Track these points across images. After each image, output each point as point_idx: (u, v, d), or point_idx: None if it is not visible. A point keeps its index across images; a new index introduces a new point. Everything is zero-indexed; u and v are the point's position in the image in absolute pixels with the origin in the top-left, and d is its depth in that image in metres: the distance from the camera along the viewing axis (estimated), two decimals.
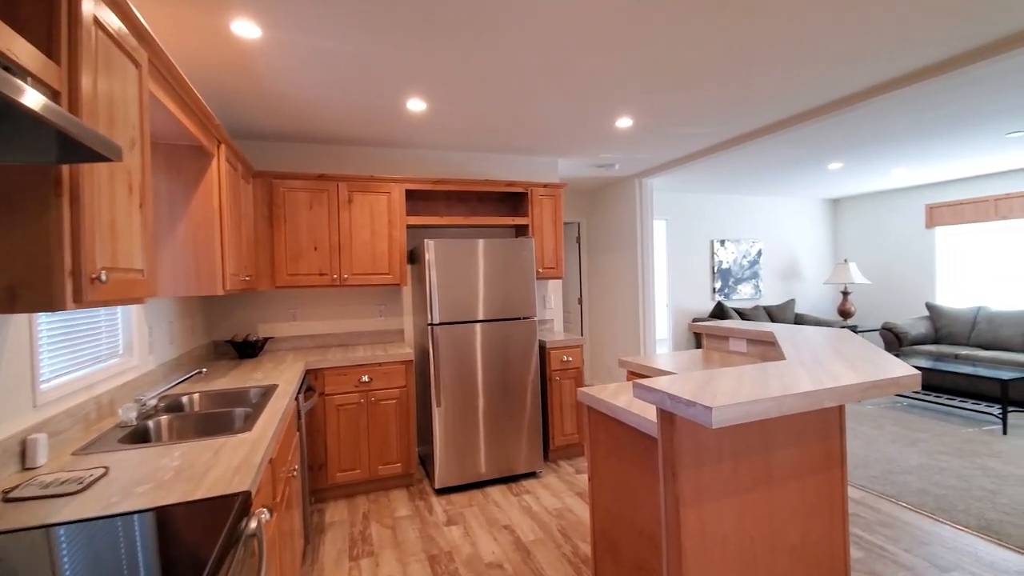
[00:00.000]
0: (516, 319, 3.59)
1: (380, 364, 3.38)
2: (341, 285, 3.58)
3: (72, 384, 1.77)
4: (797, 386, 1.37)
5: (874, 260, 7.34)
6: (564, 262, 4.23)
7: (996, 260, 6.11)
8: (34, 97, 0.80)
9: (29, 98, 0.79)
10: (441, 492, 3.43)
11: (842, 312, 6.98)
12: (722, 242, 7.04)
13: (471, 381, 3.46)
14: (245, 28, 2.10)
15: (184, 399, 2.25)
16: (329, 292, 3.93)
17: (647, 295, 5.53)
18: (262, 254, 3.40)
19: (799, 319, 6.96)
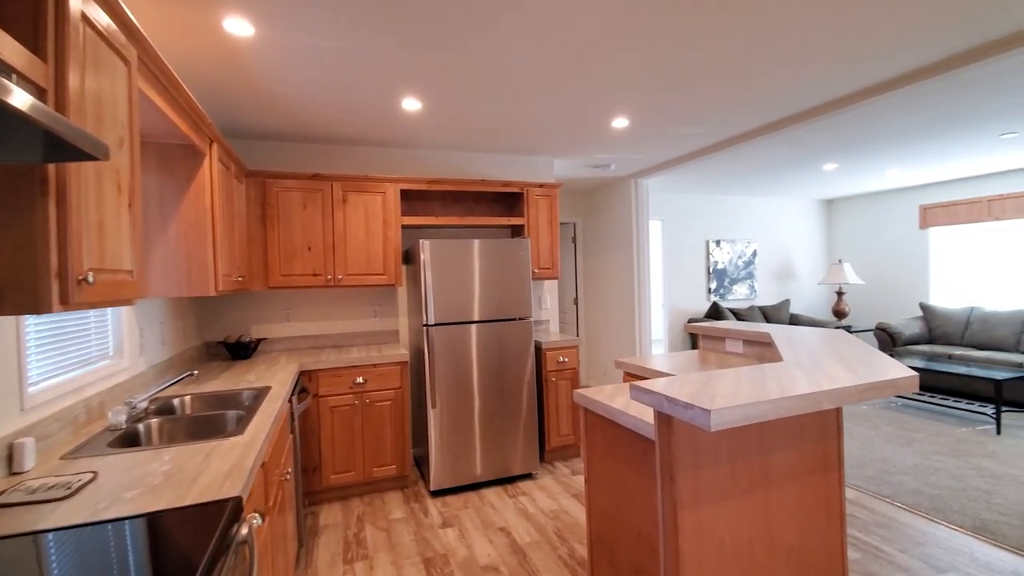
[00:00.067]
0: (512, 320, 3.57)
1: (375, 365, 3.35)
2: (335, 286, 3.55)
3: (61, 387, 1.74)
4: (795, 388, 1.36)
5: (868, 260, 7.37)
6: (560, 262, 4.22)
7: (989, 261, 6.14)
8: (20, 96, 0.78)
9: (15, 97, 0.77)
10: (436, 494, 3.41)
11: (837, 312, 7.00)
12: (717, 242, 7.04)
13: (467, 382, 3.44)
14: (237, 26, 2.07)
15: (175, 401, 2.22)
16: (323, 293, 3.90)
17: (643, 295, 5.53)
18: (255, 254, 3.37)
19: (794, 319, 6.98)
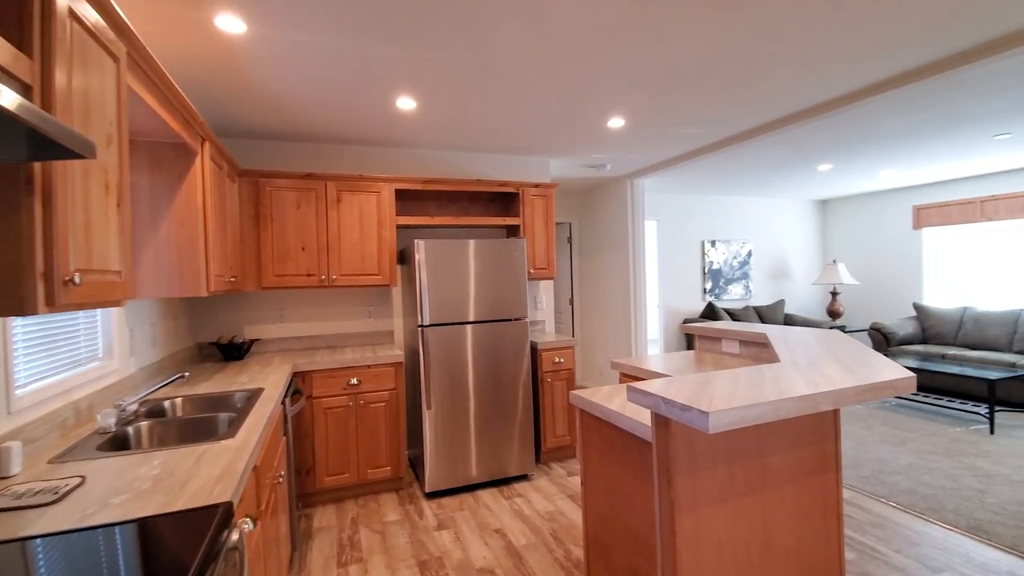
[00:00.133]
0: (507, 320, 3.55)
1: (369, 366, 3.33)
2: (329, 286, 3.52)
3: (49, 389, 1.71)
4: (793, 390, 1.35)
5: (862, 261, 7.40)
6: (556, 263, 4.20)
7: (982, 261, 6.18)
8: (5, 93, 0.76)
9: (2, 97, 0.74)
10: (431, 496, 3.39)
11: (831, 312, 7.02)
12: (713, 243, 7.05)
13: (462, 383, 3.42)
14: (229, 23, 2.05)
15: (166, 404, 2.19)
16: (317, 293, 3.87)
17: (638, 296, 5.53)
18: (248, 254, 3.34)
19: (789, 319, 7.00)
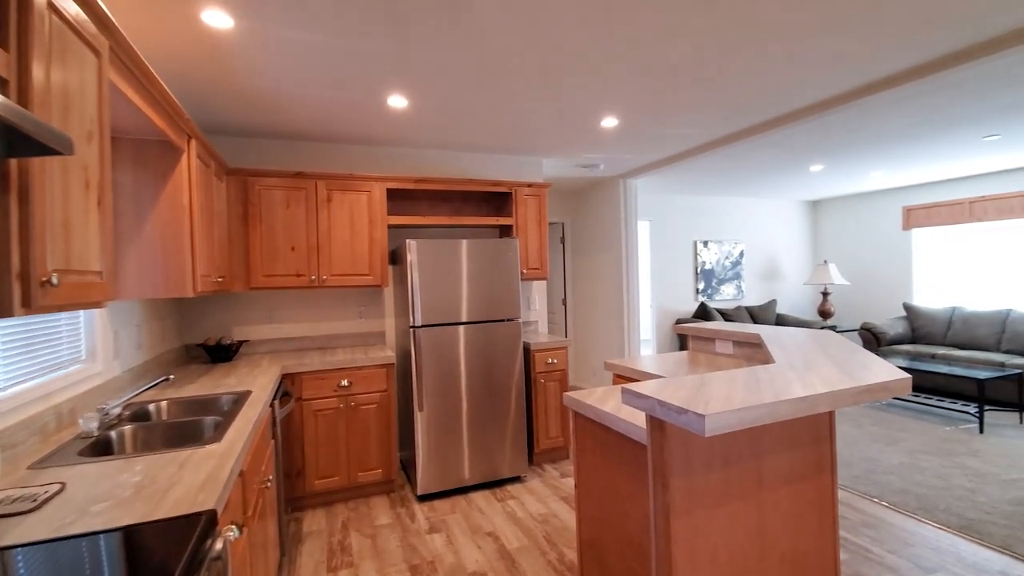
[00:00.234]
0: (500, 321, 3.52)
1: (360, 368, 3.29)
2: (320, 286, 3.48)
3: (29, 393, 1.66)
4: (790, 392, 1.33)
5: (853, 261, 7.44)
6: (548, 263, 4.18)
7: (971, 261, 6.23)
8: None
9: None
10: (423, 498, 3.35)
11: (822, 312, 7.06)
12: (705, 243, 7.06)
13: (454, 384, 3.39)
14: (216, 18, 2.00)
15: (151, 407, 2.14)
16: (307, 294, 3.82)
17: (631, 296, 5.52)
18: (236, 254, 3.29)
19: (780, 319, 7.03)
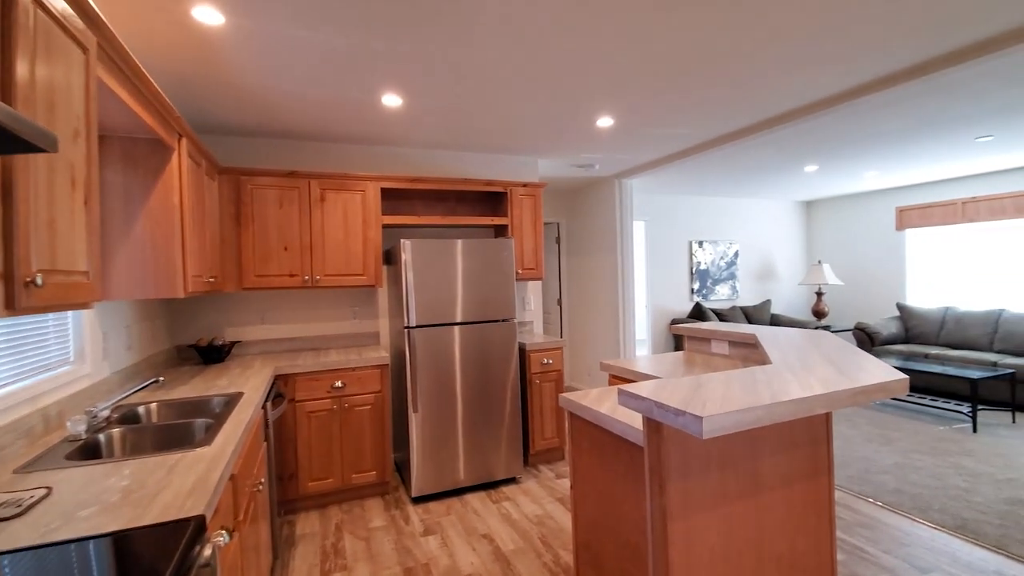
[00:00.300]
0: (495, 321, 3.51)
1: (354, 369, 3.26)
2: (313, 287, 3.45)
3: (16, 395, 1.63)
4: (787, 393, 1.32)
5: (847, 261, 7.47)
6: (544, 263, 4.17)
7: (963, 261, 6.27)
8: None
9: None
10: (418, 500, 3.33)
11: (816, 312, 7.08)
12: (700, 243, 7.07)
13: (449, 385, 3.37)
14: (207, 14, 1.98)
15: (140, 409, 2.11)
16: (300, 294, 3.79)
17: (627, 296, 5.51)
18: (228, 254, 3.25)
19: (775, 320, 7.04)
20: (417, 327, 3.28)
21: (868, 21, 2.21)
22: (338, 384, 3.21)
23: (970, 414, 4.40)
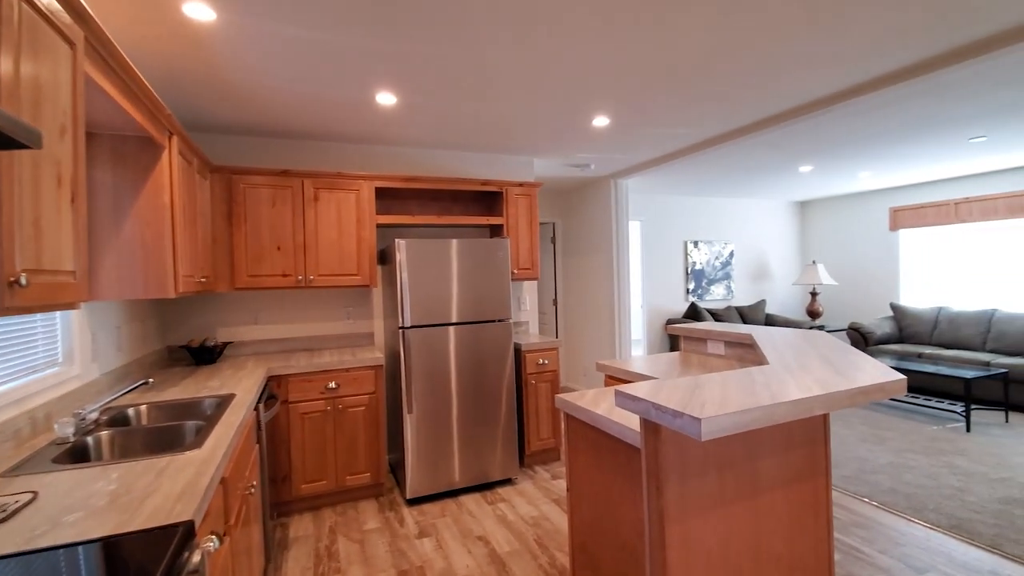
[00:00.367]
0: (491, 321, 3.49)
1: (348, 370, 3.23)
2: (306, 286, 3.42)
3: (3, 397, 1.61)
4: (786, 394, 1.31)
5: (841, 262, 7.50)
6: (539, 263, 4.15)
7: (956, 262, 6.30)
8: None
9: None
10: (412, 502, 3.30)
11: (810, 312, 7.10)
12: (695, 243, 7.08)
13: (444, 386, 3.35)
14: (198, 10, 1.95)
15: (130, 412, 2.07)
16: (294, 294, 3.76)
17: (622, 296, 5.51)
18: (220, 254, 3.22)
19: (770, 319, 7.06)
20: (412, 327, 3.25)
21: (863, 22, 2.21)
22: (332, 385, 3.18)
23: (963, 414, 4.41)
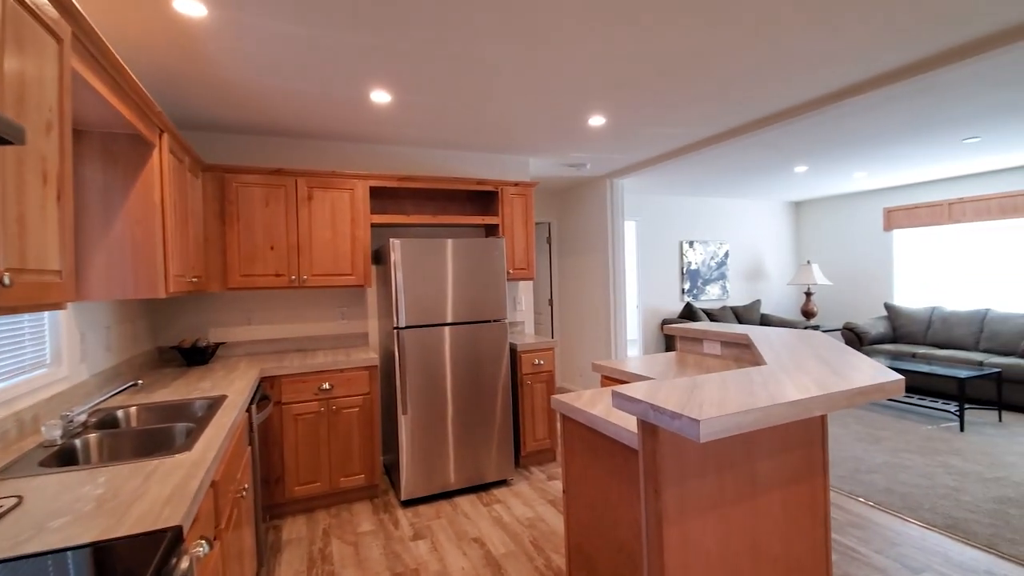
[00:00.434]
0: (486, 322, 3.46)
1: (342, 370, 3.20)
2: (300, 287, 3.38)
3: None
4: (784, 395, 1.30)
5: (835, 262, 7.52)
6: (535, 263, 4.14)
7: (949, 262, 6.33)
8: None
9: None
10: (407, 504, 3.28)
11: (805, 312, 7.12)
12: (691, 243, 7.08)
13: (439, 387, 3.32)
14: (189, 6, 1.92)
15: (119, 413, 2.04)
16: (287, 294, 3.72)
17: (618, 296, 5.50)
18: (213, 254, 3.18)
19: (765, 319, 7.07)
20: (407, 328, 3.23)
21: (858, 22, 2.21)
22: (326, 386, 3.15)
23: (957, 413, 4.43)
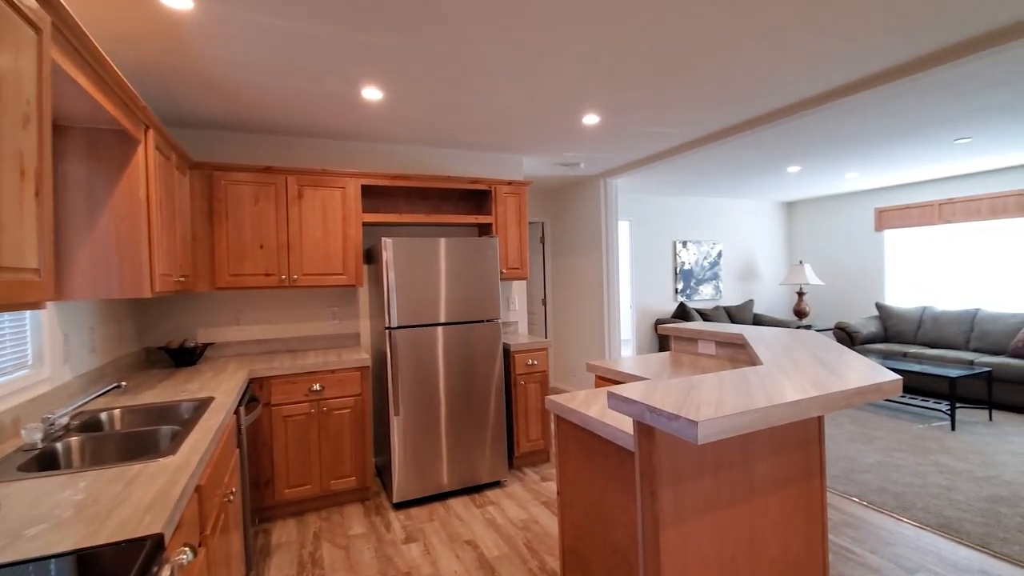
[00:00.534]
0: (479, 322, 3.43)
1: (333, 371, 3.16)
2: (290, 286, 3.34)
3: None
4: (782, 395, 1.28)
5: (827, 262, 7.55)
6: (529, 262, 4.11)
7: (940, 262, 6.37)
8: None
9: None
10: (399, 506, 3.24)
11: (797, 312, 7.14)
12: (684, 243, 7.09)
13: (432, 387, 3.29)
14: None
15: (103, 416, 1.99)
16: (277, 294, 3.67)
17: (612, 296, 5.48)
18: (201, 252, 3.13)
19: (757, 319, 7.09)
20: (399, 328, 3.19)
21: (850, 22, 2.20)
22: (316, 387, 3.11)
23: (948, 412, 4.45)
